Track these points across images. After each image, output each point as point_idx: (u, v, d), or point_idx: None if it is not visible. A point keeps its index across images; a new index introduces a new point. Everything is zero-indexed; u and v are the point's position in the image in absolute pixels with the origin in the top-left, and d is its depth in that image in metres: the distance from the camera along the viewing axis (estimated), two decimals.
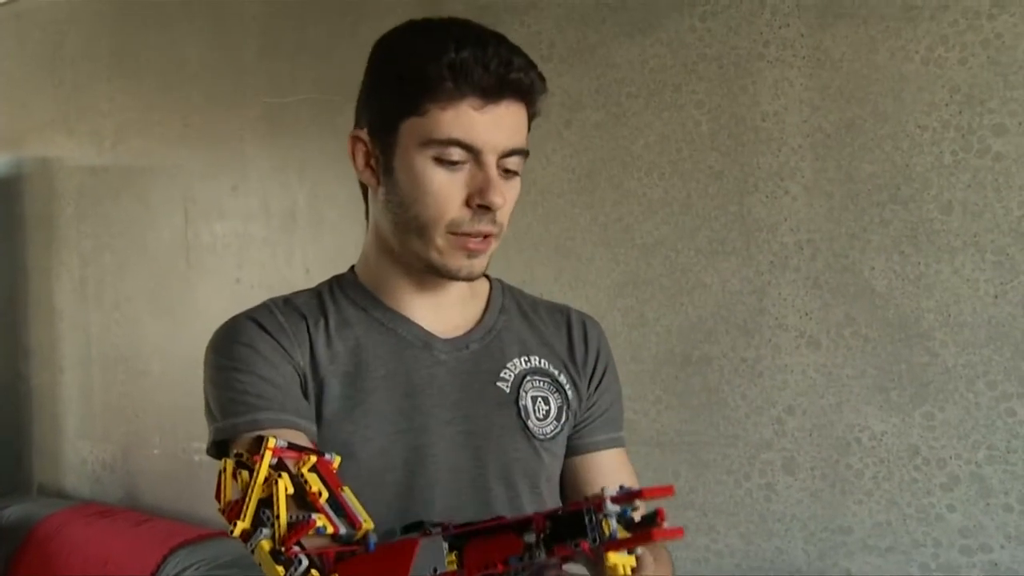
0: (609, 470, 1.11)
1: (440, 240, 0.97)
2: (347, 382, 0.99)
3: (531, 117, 1.01)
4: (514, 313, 1.12)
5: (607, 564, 0.63)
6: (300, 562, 0.75)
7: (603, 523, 0.62)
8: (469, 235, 0.97)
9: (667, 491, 0.61)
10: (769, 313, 1.87)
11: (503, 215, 0.98)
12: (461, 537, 0.70)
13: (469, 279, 1.01)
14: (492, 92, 0.94)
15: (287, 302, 1.04)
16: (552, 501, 1.09)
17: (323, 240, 2.65)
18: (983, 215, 1.63)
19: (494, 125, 0.94)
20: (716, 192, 1.93)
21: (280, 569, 0.75)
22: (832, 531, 1.80)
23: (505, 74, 0.94)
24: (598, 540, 0.62)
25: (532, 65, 0.97)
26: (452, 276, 1.00)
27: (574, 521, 0.64)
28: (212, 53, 2.94)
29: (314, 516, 0.77)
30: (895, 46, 1.71)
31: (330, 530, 0.78)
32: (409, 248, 1.00)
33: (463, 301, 1.08)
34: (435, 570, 0.69)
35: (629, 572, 0.65)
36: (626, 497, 0.62)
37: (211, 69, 2.94)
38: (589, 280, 2.11)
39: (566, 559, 0.65)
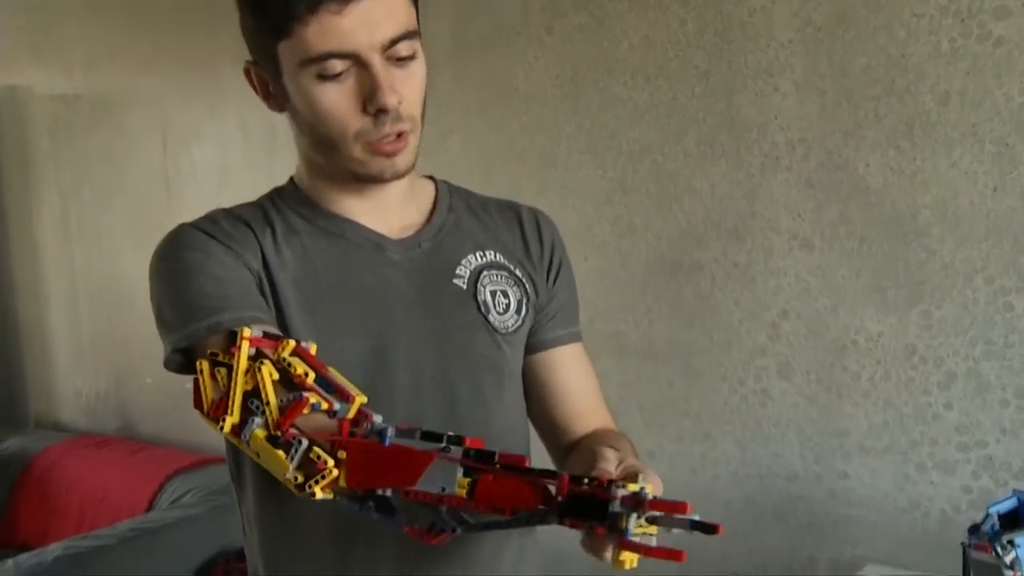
0: (570, 365, 1.10)
1: (355, 153, 0.94)
2: (297, 288, 0.97)
3: None
4: (463, 211, 1.09)
5: (617, 557, 0.63)
6: (300, 443, 0.72)
7: (621, 518, 0.61)
8: (381, 140, 0.93)
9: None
10: (761, 216, 1.82)
11: (409, 107, 0.93)
12: (478, 459, 0.68)
13: (396, 177, 0.97)
14: None
15: (230, 212, 1.01)
16: (516, 396, 1.08)
17: None
18: (982, 104, 1.57)
19: (362, 23, 0.88)
20: (703, 93, 1.87)
21: (280, 453, 0.73)
22: (828, 434, 1.79)
23: None
24: (614, 532, 0.61)
25: None
26: (378, 179, 0.97)
27: (593, 503, 0.62)
28: None
29: (306, 394, 0.74)
30: None
31: (324, 406, 0.75)
32: (331, 162, 0.97)
33: (404, 201, 1.05)
34: (443, 490, 0.67)
35: (635, 565, 0.64)
36: (632, 501, 0.61)
37: None
38: (576, 190, 2.06)
39: (572, 527, 0.64)
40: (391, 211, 1.03)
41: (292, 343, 0.77)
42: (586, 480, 0.65)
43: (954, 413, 1.65)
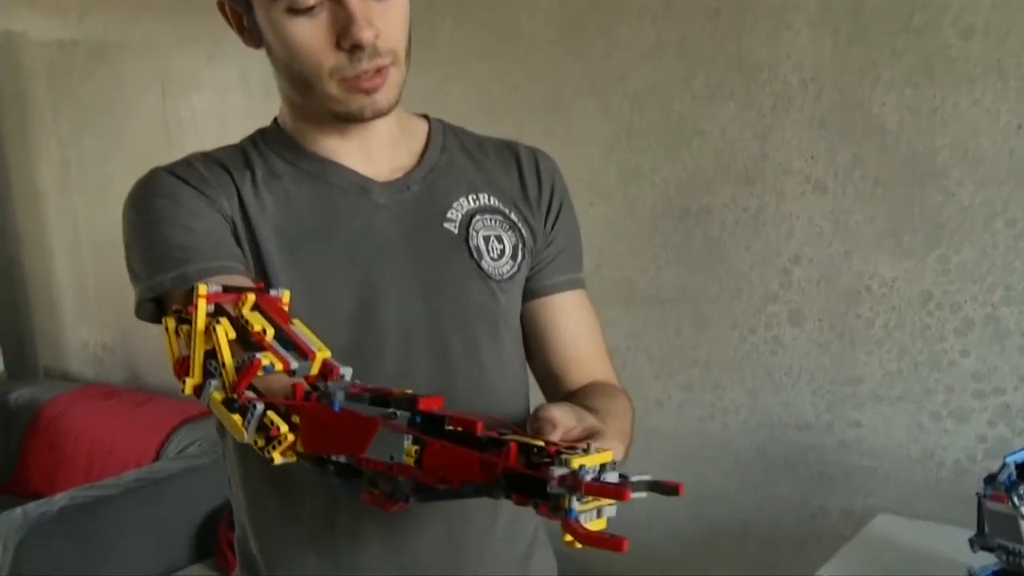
0: (569, 312, 1.05)
1: (331, 90, 0.88)
2: (278, 234, 0.92)
3: None
4: (457, 151, 1.03)
5: (563, 539, 0.59)
6: (255, 407, 0.69)
7: (563, 498, 0.57)
8: (358, 77, 0.87)
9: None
10: (772, 159, 1.76)
11: (388, 41, 0.87)
12: (426, 427, 0.64)
13: (377, 115, 0.91)
14: None
15: (208, 155, 0.97)
16: (513, 346, 1.03)
17: None
18: (1008, 38, 1.50)
19: None
20: (713, 32, 1.80)
21: (237, 417, 0.69)
22: (841, 383, 1.75)
23: None
24: (558, 512, 0.58)
25: None
26: (358, 118, 0.91)
27: (533, 480, 0.59)
28: None
29: (258, 355, 0.70)
30: None
31: (279, 366, 0.71)
32: (309, 101, 0.92)
33: (394, 142, 0.99)
34: (391, 458, 0.64)
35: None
36: (571, 481, 0.56)
37: None
38: (581, 134, 2.00)
39: (519, 504, 0.60)
40: (379, 152, 0.98)
41: (252, 297, 0.73)
42: (535, 449, 0.60)
43: (971, 360, 1.61)
